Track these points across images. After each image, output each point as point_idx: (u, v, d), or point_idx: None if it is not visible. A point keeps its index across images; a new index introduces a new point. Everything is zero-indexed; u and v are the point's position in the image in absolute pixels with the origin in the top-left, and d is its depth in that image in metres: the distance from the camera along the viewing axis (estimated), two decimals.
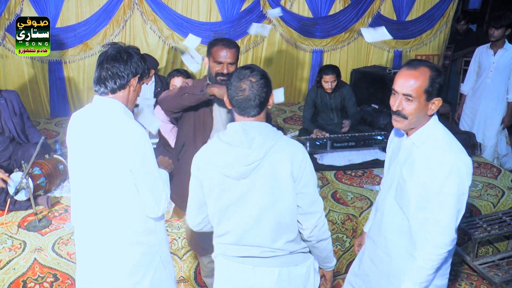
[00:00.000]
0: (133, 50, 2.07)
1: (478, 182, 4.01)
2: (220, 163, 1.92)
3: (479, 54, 4.91)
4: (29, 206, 3.32)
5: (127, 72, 2.01)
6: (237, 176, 1.91)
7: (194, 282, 3.26)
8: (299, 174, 1.91)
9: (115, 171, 1.97)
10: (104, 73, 2.00)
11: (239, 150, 1.88)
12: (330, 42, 6.54)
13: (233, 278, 2.05)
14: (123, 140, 1.94)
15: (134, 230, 2.07)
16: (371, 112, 5.12)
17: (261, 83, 1.90)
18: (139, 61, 2.07)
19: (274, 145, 1.88)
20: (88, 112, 2.07)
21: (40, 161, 3.50)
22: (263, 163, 1.88)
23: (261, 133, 1.89)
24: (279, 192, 1.91)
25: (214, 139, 1.99)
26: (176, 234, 3.18)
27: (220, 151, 1.93)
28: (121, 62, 2.00)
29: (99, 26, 5.65)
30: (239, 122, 1.94)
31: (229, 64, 2.70)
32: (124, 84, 2.02)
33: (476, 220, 3.58)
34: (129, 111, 2.07)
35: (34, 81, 5.71)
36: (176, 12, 5.80)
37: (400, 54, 6.88)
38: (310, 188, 1.95)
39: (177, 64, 5.99)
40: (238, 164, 1.88)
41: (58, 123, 5.30)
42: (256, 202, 1.93)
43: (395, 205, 2.14)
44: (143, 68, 2.09)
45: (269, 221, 1.94)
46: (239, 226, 1.98)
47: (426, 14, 6.76)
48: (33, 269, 2.89)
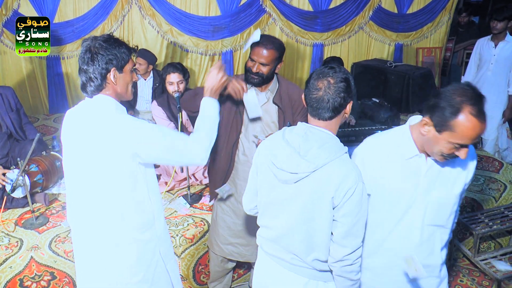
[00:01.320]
0: (100, 44, 1.91)
1: (479, 176, 3.97)
2: (274, 160, 1.87)
3: (480, 46, 4.85)
4: (26, 204, 3.30)
5: (98, 72, 1.90)
6: (283, 180, 1.85)
7: (193, 281, 3.24)
8: (341, 202, 1.77)
9: (112, 166, 1.93)
10: (82, 78, 1.94)
11: (293, 155, 1.81)
12: (330, 35, 6.49)
13: (267, 274, 2.05)
14: (118, 135, 1.90)
15: (129, 227, 2.03)
16: (371, 106, 5.07)
17: (339, 86, 1.78)
18: (110, 53, 1.90)
19: (329, 162, 1.76)
20: (81, 109, 2.03)
21: (37, 158, 3.47)
22: (311, 176, 1.78)
23: (321, 146, 1.78)
24: (318, 211, 1.81)
25: (282, 131, 1.94)
26: (174, 231, 3.15)
27: (279, 147, 1.88)
28: (88, 64, 1.89)
29: (97, 21, 5.63)
30: (306, 125, 1.85)
31: (261, 65, 2.52)
32: (100, 84, 1.92)
33: (478, 215, 3.55)
34: (121, 107, 2.00)
35: (32, 77, 5.69)
36: (174, 7, 5.76)
37: (401, 47, 6.84)
38: (349, 220, 1.79)
39: (176, 59, 5.96)
40: (286, 168, 1.82)
41: (56, 119, 5.28)
42: (294, 212, 1.86)
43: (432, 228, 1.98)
44: (118, 57, 1.92)
45: (302, 235, 1.87)
46: (276, 227, 1.94)
47: (428, 6, 6.71)
48: (30, 267, 2.87)
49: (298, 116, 2.64)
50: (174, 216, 3.31)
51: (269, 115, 2.65)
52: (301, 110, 2.64)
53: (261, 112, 2.60)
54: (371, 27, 6.64)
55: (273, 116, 2.65)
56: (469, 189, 3.75)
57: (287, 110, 2.63)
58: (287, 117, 2.63)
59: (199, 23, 5.91)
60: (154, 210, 2.08)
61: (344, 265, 1.84)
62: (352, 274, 1.87)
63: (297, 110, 2.65)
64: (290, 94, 2.63)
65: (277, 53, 2.53)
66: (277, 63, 2.58)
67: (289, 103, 2.63)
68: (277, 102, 2.63)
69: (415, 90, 5.59)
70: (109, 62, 1.91)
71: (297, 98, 2.61)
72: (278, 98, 2.63)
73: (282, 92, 2.64)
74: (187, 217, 3.30)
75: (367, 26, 6.62)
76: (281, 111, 2.63)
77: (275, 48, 2.53)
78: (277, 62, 2.57)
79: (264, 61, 2.51)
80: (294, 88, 2.69)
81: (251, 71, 2.54)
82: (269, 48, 2.51)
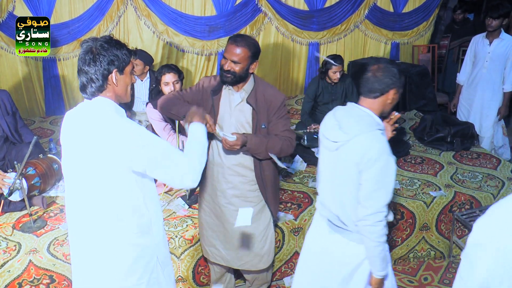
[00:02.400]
0: (101, 45, 1.90)
1: (477, 173, 3.98)
2: (324, 131, 2.30)
3: (475, 43, 4.85)
4: (23, 207, 3.29)
5: (99, 73, 1.89)
6: (328, 147, 2.25)
7: (193, 282, 3.23)
8: (364, 167, 2.10)
9: (107, 172, 1.93)
10: (81, 79, 1.92)
11: (335, 127, 2.20)
12: (326, 34, 6.48)
13: (318, 234, 2.44)
14: (117, 140, 1.89)
15: (128, 230, 2.03)
16: None
17: (386, 72, 2.15)
18: (111, 54, 1.90)
19: (360, 134, 2.11)
20: (80, 111, 2.02)
21: (34, 161, 3.45)
22: (347, 145, 2.14)
23: (357, 121, 2.16)
24: (349, 175, 2.16)
25: (334, 109, 2.32)
26: (173, 232, 3.14)
27: (329, 121, 2.29)
28: (90, 65, 1.88)
29: (92, 22, 5.59)
30: (353, 104, 2.25)
31: (233, 62, 2.50)
32: (101, 85, 1.92)
33: (476, 212, 3.55)
34: (120, 109, 2.00)
35: (28, 79, 5.66)
36: (170, 7, 5.74)
37: (397, 46, 6.84)
38: (370, 184, 2.11)
39: (172, 60, 5.94)
40: (330, 137, 2.22)
41: (53, 122, 5.26)
42: (333, 176, 2.25)
43: None
44: (120, 59, 1.92)
45: (338, 197, 2.25)
46: (323, 191, 2.38)
47: (423, 5, 6.71)
48: (28, 271, 2.86)
49: (273, 117, 2.64)
50: (173, 217, 3.30)
51: (244, 116, 2.64)
52: (277, 112, 2.64)
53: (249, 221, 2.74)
54: (367, 25, 6.63)
55: (248, 117, 2.64)
56: (468, 186, 3.76)
57: (261, 111, 2.62)
58: (261, 118, 2.62)
59: (195, 23, 5.89)
60: (151, 216, 2.07)
61: (365, 225, 2.14)
62: (373, 236, 2.15)
63: (273, 111, 2.63)
64: (267, 95, 2.62)
65: (249, 52, 2.52)
66: (251, 62, 2.56)
67: (264, 104, 2.62)
68: (251, 102, 2.61)
69: (412, 88, 5.60)
70: (110, 63, 1.90)
71: (273, 100, 2.63)
72: (253, 99, 2.61)
73: (258, 93, 2.62)
74: (186, 218, 3.29)
75: (362, 25, 6.60)
76: (255, 112, 2.61)
77: (247, 46, 2.52)
78: (250, 61, 2.55)
79: (235, 59, 2.50)
80: (272, 90, 2.68)
81: (223, 68, 2.55)
82: (240, 46, 2.50)
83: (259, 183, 2.72)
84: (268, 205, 2.80)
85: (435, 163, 4.17)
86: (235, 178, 2.71)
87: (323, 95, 4.62)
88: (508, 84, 4.66)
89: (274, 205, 2.84)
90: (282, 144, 2.62)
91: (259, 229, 2.81)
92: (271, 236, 2.88)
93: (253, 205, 2.76)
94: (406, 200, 3.56)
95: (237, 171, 2.70)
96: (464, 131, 4.46)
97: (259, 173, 2.70)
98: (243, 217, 2.71)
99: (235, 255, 2.84)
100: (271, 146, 2.58)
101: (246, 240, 2.80)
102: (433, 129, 4.58)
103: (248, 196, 2.75)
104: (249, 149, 2.55)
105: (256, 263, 2.87)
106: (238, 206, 2.74)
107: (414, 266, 3.62)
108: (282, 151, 2.64)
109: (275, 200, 2.85)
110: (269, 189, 2.76)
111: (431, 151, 4.43)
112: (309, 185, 3.76)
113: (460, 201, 3.62)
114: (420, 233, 3.63)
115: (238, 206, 2.74)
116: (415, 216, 3.56)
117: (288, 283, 3.38)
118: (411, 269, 3.59)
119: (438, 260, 3.71)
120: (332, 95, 4.61)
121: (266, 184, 2.74)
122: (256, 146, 2.55)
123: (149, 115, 3.71)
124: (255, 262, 2.87)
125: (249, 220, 2.72)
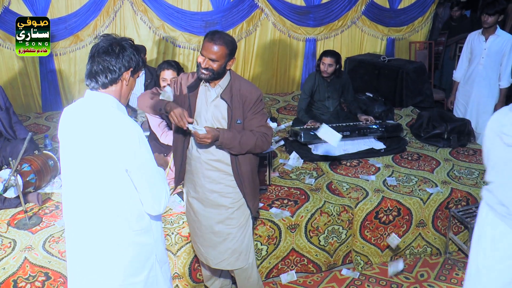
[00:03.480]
0: (126, 43, 1.99)
1: (474, 169, 3.98)
2: (502, 128, 2.30)
3: (471, 40, 4.82)
4: (18, 204, 3.27)
5: (119, 66, 1.94)
6: (508, 143, 2.25)
7: (189, 278, 3.23)
8: None
9: (108, 168, 1.92)
10: (95, 67, 1.94)
11: None
12: (323, 30, 6.48)
13: (486, 222, 2.40)
14: (117, 138, 1.89)
15: (128, 228, 2.02)
16: (366, 100, 5.07)
17: None
18: (132, 54, 1.99)
19: None
20: (80, 107, 2.01)
21: (30, 157, 3.44)
22: None
23: None
24: None
25: (510, 105, 2.28)
26: (170, 229, 3.13)
27: (507, 117, 2.30)
28: (112, 56, 1.93)
29: (89, 17, 5.59)
30: None
31: (210, 60, 2.51)
32: (115, 78, 1.96)
33: (473, 208, 3.55)
34: (122, 106, 2.01)
35: (24, 74, 5.64)
36: (166, 2, 5.73)
37: (392, 41, 6.85)
38: None
39: (168, 55, 5.94)
40: (510, 133, 2.23)
41: (48, 118, 5.23)
42: None
43: None
44: (136, 62, 2.00)
45: None
46: (495, 181, 2.37)
47: (418, 1, 6.74)
48: (23, 268, 2.84)
49: (249, 113, 2.63)
50: (169, 214, 3.29)
51: (219, 111, 2.64)
52: (253, 107, 2.63)
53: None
54: (364, 21, 6.63)
55: (223, 112, 2.63)
56: (464, 182, 3.76)
57: (237, 106, 2.61)
58: (236, 114, 2.61)
59: (191, 19, 5.88)
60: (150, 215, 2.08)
61: None
62: None
63: (248, 107, 2.63)
64: (243, 91, 2.61)
65: (227, 49, 2.53)
66: (228, 59, 2.56)
67: (240, 99, 2.61)
68: (225, 98, 2.61)
69: (408, 84, 5.59)
70: (131, 62, 1.98)
71: (249, 95, 2.61)
72: (227, 94, 2.60)
73: (234, 88, 2.62)
74: (182, 214, 3.28)
75: (359, 21, 6.61)
76: (229, 108, 2.61)
77: (225, 44, 2.52)
78: (227, 59, 2.55)
79: (213, 57, 2.50)
80: (247, 86, 2.67)
81: (200, 66, 2.54)
82: (218, 44, 2.50)
83: (236, 179, 2.70)
84: (246, 201, 2.77)
85: (432, 160, 4.17)
86: (213, 173, 2.69)
87: (319, 91, 4.61)
88: (504, 80, 4.65)
89: (253, 201, 2.80)
90: (257, 140, 2.61)
91: (236, 226, 2.77)
92: (249, 234, 2.85)
93: (232, 202, 2.74)
94: (403, 197, 3.56)
95: (215, 166, 2.68)
96: (460, 127, 4.46)
97: (235, 168, 2.68)
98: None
99: (212, 252, 2.80)
100: (244, 141, 2.57)
101: (221, 237, 2.75)
102: (430, 126, 4.58)
103: (227, 192, 2.72)
104: (221, 144, 2.54)
105: (234, 261, 2.81)
106: (216, 201, 2.72)
107: (411, 263, 3.63)
108: (256, 147, 2.63)
109: (254, 197, 2.81)
110: (246, 185, 2.72)
111: (428, 148, 4.43)
112: (305, 182, 3.75)
113: (456, 197, 3.63)
114: (416, 229, 3.63)
115: (216, 202, 2.72)
116: (411, 212, 3.56)
117: (285, 280, 3.38)
118: (407, 265, 3.59)
119: (435, 256, 3.71)
120: (328, 91, 4.61)
121: (244, 179, 2.71)
122: (229, 140, 2.53)
123: None
124: (232, 260, 2.81)
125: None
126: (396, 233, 3.57)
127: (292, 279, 3.41)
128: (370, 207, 3.48)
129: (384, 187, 3.69)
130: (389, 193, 3.58)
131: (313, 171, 3.95)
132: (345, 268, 3.55)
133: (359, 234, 3.52)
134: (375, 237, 3.56)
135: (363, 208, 3.47)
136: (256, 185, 2.84)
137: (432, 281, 3.43)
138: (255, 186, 2.81)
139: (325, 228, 3.42)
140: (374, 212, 3.49)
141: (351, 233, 3.53)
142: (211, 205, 2.73)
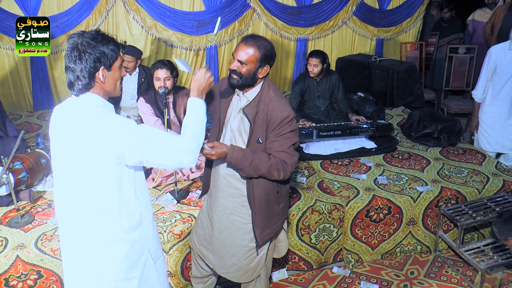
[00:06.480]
0: (87, 42, 1.84)
1: (463, 168, 4.02)
2: None
3: (496, 54, 4.18)
4: (10, 202, 3.26)
5: (86, 71, 1.85)
6: None
7: (181, 277, 3.23)
8: None
9: (96, 166, 1.92)
10: (69, 76, 1.88)
11: None
12: (314, 30, 6.52)
13: None
14: (103, 136, 1.88)
15: (118, 225, 2.02)
16: (357, 100, 5.11)
17: None
18: (97, 52, 1.84)
19: None
20: (68, 106, 2.01)
21: (22, 155, 3.43)
22: None
23: None
24: None
25: None
26: (162, 228, 3.14)
27: None
28: (76, 63, 1.83)
29: (81, 16, 5.56)
30: None
31: (239, 62, 2.33)
32: (88, 83, 1.88)
33: (462, 206, 3.60)
34: (108, 105, 1.98)
35: (15, 73, 5.61)
36: (159, 2, 5.72)
37: (381, 42, 6.91)
38: None
39: (161, 54, 5.93)
40: None
41: (40, 116, 5.21)
42: None
43: None
44: (107, 55, 1.87)
45: None
46: None
47: (407, 2, 6.84)
48: (15, 266, 2.84)
49: (271, 134, 2.38)
50: (161, 212, 3.29)
51: (243, 125, 2.44)
52: (276, 128, 2.36)
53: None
54: (355, 22, 6.68)
55: (246, 127, 2.43)
56: (454, 181, 3.81)
57: (259, 124, 2.38)
58: (257, 132, 2.39)
59: (184, 18, 5.88)
60: (142, 211, 2.08)
61: None
62: None
63: (272, 127, 2.36)
64: (270, 108, 2.36)
65: (258, 53, 2.32)
66: (259, 65, 2.35)
67: (264, 117, 2.37)
68: (247, 112, 2.39)
69: (399, 85, 5.63)
70: (97, 61, 1.86)
71: (274, 114, 2.35)
72: (252, 109, 2.39)
73: (262, 103, 2.38)
74: (174, 213, 3.29)
75: (350, 21, 6.66)
76: (251, 125, 2.39)
77: (256, 46, 2.32)
78: (258, 65, 2.34)
79: (241, 59, 2.32)
80: (278, 104, 2.37)
81: (230, 69, 2.39)
82: (249, 45, 2.32)
83: (248, 200, 2.51)
84: (253, 225, 2.55)
85: (422, 159, 4.21)
86: (227, 189, 2.55)
87: (309, 91, 4.65)
88: None
89: (261, 229, 2.55)
90: (271, 166, 2.35)
91: (245, 247, 2.63)
92: (260, 256, 2.68)
93: (243, 223, 2.57)
94: (393, 195, 3.59)
95: (230, 182, 2.53)
96: (450, 127, 4.50)
97: (249, 190, 2.48)
98: None
99: (220, 262, 2.71)
100: (256, 164, 2.33)
101: (230, 251, 2.66)
102: (421, 125, 4.63)
103: (240, 212, 2.56)
104: (229, 162, 2.34)
105: (239, 276, 2.71)
106: (226, 218, 2.59)
107: (401, 261, 3.66)
108: (270, 174, 2.37)
109: (264, 225, 2.55)
110: (256, 210, 2.51)
111: (418, 147, 4.47)
112: (297, 180, 3.77)
113: (446, 196, 3.67)
114: (407, 227, 3.67)
115: (226, 219, 2.59)
116: (402, 211, 3.59)
117: (276, 278, 3.40)
118: (397, 263, 3.63)
119: (425, 254, 3.75)
120: (318, 91, 4.64)
121: (255, 203, 2.50)
122: (239, 161, 2.31)
123: (140, 109, 3.70)
124: (238, 275, 2.71)
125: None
126: (387, 232, 3.61)
127: (283, 277, 3.43)
128: (361, 205, 3.50)
129: (375, 185, 3.72)
130: (380, 192, 3.62)
131: (304, 169, 3.98)
132: (336, 266, 3.58)
133: (350, 232, 3.55)
134: (366, 235, 3.59)
135: (354, 207, 3.49)
136: (271, 214, 2.58)
137: (422, 278, 3.47)
138: (269, 215, 2.56)
139: (316, 226, 3.44)
140: (365, 210, 3.52)
141: (342, 231, 3.56)
142: (224, 219, 2.62)
